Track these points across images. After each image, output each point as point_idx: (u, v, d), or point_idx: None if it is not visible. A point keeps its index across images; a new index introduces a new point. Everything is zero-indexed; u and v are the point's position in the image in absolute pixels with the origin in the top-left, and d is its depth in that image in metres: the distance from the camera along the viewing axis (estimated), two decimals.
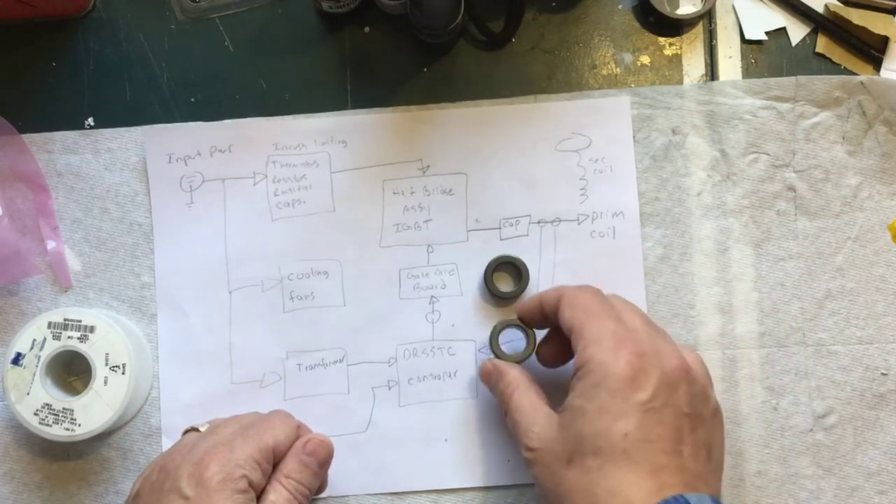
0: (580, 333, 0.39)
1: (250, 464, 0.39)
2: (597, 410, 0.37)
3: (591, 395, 0.37)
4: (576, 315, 0.40)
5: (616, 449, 0.36)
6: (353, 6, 0.48)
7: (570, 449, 0.37)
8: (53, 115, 0.49)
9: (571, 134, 0.48)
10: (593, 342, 0.38)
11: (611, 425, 0.36)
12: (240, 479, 0.38)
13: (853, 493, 0.46)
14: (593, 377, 0.38)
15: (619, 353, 0.37)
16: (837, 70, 0.49)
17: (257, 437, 0.40)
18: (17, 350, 0.44)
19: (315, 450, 0.41)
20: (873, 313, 0.47)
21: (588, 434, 0.37)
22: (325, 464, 0.42)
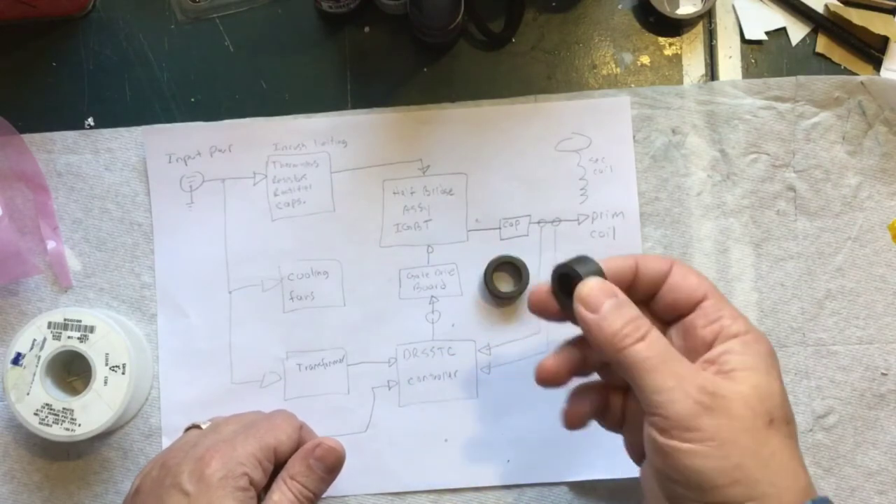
0: (723, 303, 0.37)
1: (252, 462, 0.39)
2: (779, 379, 0.35)
3: (769, 363, 0.35)
4: (706, 284, 0.37)
5: (793, 420, 0.35)
6: (353, 6, 0.48)
7: (768, 409, 0.34)
8: (53, 115, 0.49)
9: (571, 134, 0.48)
10: (740, 315, 0.37)
11: (787, 395, 0.35)
12: (241, 476, 0.38)
13: (853, 493, 0.46)
14: (761, 346, 0.35)
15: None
16: (837, 70, 0.49)
17: (259, 436, 0.40)
18: (17, 350, 0.44)
19: (324, 455, 0.41)
20: (873, 313, 0.47)
21: (781, 401, 0.35)
22: (333, 470, 0.42)
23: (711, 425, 0.33)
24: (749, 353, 0.35)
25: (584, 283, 0.36)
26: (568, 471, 0.47)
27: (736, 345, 0.35)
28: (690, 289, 0.37)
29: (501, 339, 0.47)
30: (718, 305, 0.36)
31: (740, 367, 0.35)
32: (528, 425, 0.47)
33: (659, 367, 0.34)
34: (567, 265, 0.37)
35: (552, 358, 0.39)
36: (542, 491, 0.47)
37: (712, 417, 0.33)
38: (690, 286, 0.37)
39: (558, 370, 0.39)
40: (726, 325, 0.36)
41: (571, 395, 0.40)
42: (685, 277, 0.37)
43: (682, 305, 0.37)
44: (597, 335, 0.35)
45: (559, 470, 0.47)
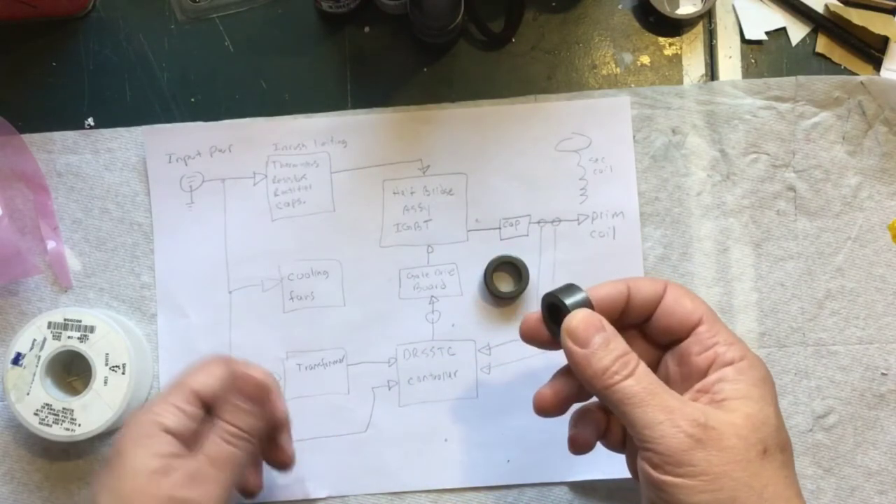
0: (718, 327, 0.36)
1: (166, 410, 0.37)
2: (774, 405, 0.35)
3: (764, 388, 0.35)
4: (702, 308, 0.37)
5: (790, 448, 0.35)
6: (353, 6, 0.48)
7: (762, 438, 0.34)
8: (53, 115, 0.49)
9: (571, 134, 0.48)
10: (737, 340, 0.36)
11: (782, 421, 0.35)
12: (150, 425, 0.36)
13: (853, 493, 0.46)
14: (757, 371, 0.35)
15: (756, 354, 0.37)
16: (837, 70, 0.49)
17: (174, 384, 0.39)
18: (17, 350, 0.44)
19: (243, 387, 0.38)
20: (873, 313, 0.47)
21: (775, 426, 0.34)
22: (258, 401, 0.38)
23: (703, 459, 0.33)
24: (743, 380, 0.35)
25: (573, 315, 0.36)
26: (568, 471, 0.47)
27: (730, 372, 0.35)
28: (684, 314, 0.37)
29: (501, 339, 0.47)
30: (713, 331, 0.36)
31: (733, 395, 0.35)
32: (528, 425, 0.47)
33: (648, 402, 0.34)
34: (554, 294, 0.36)
35: (549, 388, 0.39)
36: (542, 491, 0.47)
37: (704, 451, 0.33)
38: (685, 311, 0.37)
39: (556, 399, 0.39)
40: (720, 351, 0.36)
41: (574, 421, 0.40)
42: (678, 301, 0.37)
43: (676, 330, 0.37)
44: (585, 371, 0.35)
45: (559, 470, 0.47)
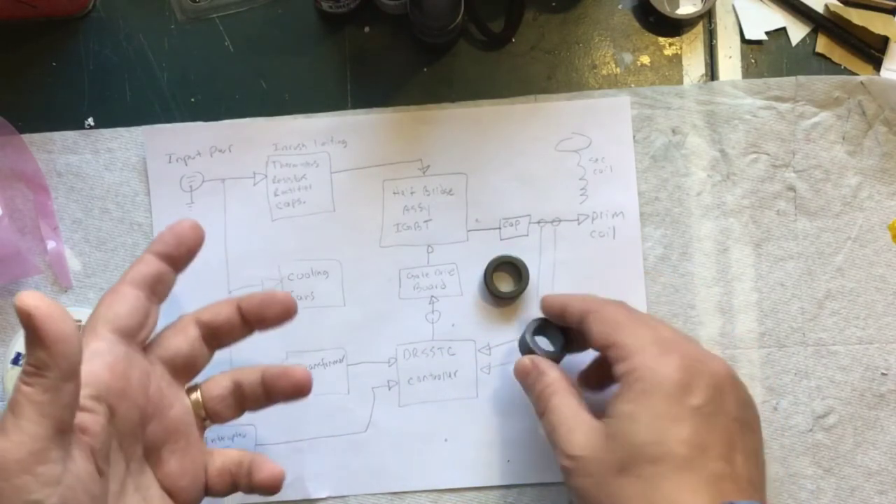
0: (619, 345, 0.38)
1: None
2: (651, 416, 0.35)
3: (642, 401, 0.36)
4: (607, 329, 0.39)
5: (674, 456, 0.35)
6: (353, 6, 0.48)
7: (621, 457, 0.36)
8: (53, 115, 0.49)
9: (571, 134, 0.48)
10: (638, 350, 0.37)
11: (666, 431, 0.35)
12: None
13: (853, 493, 0.46)
14: (643, 383, 0.36)
15: (667, 358, 0.37)
16: (837, 70, 0.49)
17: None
18: (17, 350, 0.45)
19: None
20: (873, 313, 0.47)
21: (642, 441, 0.35)
22: (30, 329, 0.31)
23: (576, 486, 0.37)
24: (620, 396, 0.37)
25: (517, 362, 0.43)
26: None
27: (616, 389, 0.38)
28: (597, 341, 0.40)
29: (501, 339, 0.47)
30: (616, 350, 0.38)
31: (610, 414, 0.37)
32: (528, 425, 0.47)
33: (553, 432, 0.39)
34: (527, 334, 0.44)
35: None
36: (542, 491, 0.47)
37: (575, 478, 0.37)
38: (596, 339, 0.40)
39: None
40: (616, 370, 0.38)
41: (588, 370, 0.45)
42: (591, 328, 0.40)
43: (601, 351, 0.40)
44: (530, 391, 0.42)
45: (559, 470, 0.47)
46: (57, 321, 0.29)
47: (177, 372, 0.40)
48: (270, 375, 0.40)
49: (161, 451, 0.38)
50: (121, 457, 0.35)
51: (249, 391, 0.41)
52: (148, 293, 0.38)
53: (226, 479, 0.40)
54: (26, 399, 0.30)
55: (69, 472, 0.30)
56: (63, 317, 0.30)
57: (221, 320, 0.40)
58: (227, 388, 0.41)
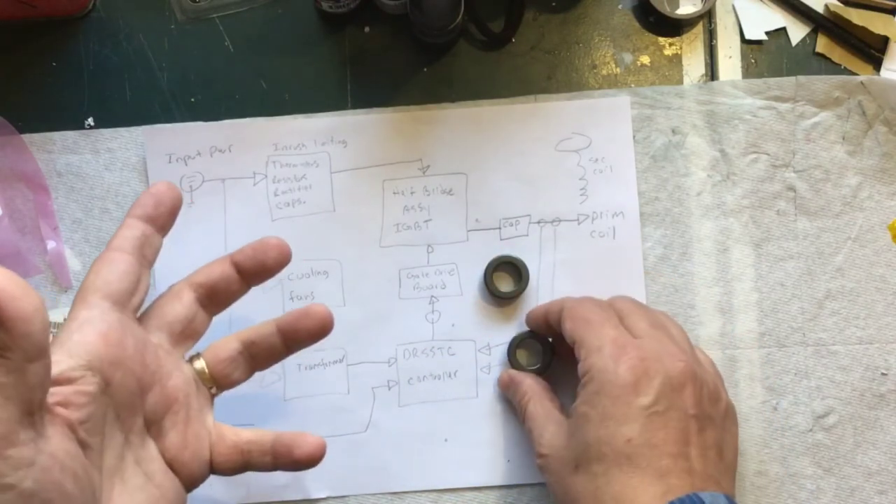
0: (581, 343, 0.40)
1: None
2: (600, 417, 0.37)
3: (594, 402, 0.38)
4: (577, 326, 0.41)
5: (620, 454, 0.36)
6: (353, 6, 0.48)
7: (576, 455, 0.38)
8: (53, 115, 0.49)
9: (571, 134, 0.48)
10: (594, 350, 0.39)
11: (614, 431, 0.37)
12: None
13: (853, 493, 0.46)
14: (595, 384, 0.38)
15: (621, 360, 0.38)
16: (837, 70, 0.49)
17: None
18: None
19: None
20: (873, 313, 0.47)
21: (592, 440, 0.37)
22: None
23: (546, 482, 0.40)
24: (579, 399, 0.39)
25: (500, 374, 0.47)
26: None
27: (578, 389, 0.40)
28: (567, 337, 0.41)
29: (501, 339, 0.47)
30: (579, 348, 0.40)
31: (569, 414, 0.40)
32: None
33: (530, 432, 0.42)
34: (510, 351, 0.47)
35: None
36: (542, 491, 0.47)
37: (545, 474, 0.40)
38: (567, 335, 0.41)
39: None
40: (578, 371, 0.40)
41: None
42: (564, 324, 0.42)
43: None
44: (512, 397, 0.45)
45: None
46: (16, 300, 0.27)
47: (175, 339, 0.38)
48: (289, 321, 0.39)
49: (162, 422, 0.36)
50: (118, 429, 0.34)
51: (264, 345, 0.39)
52: (136, 256, 0.36)
53: (235, 458, 0.38)
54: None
55: (42, 452, 0.29)
56: (23, 294, 0.27)
57: (216, 278, 0.39)
58: (236, 349, 0.39)
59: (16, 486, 0.28)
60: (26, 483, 0.28)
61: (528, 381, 0.44)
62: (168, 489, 0.36)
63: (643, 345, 0.39)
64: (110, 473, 0.33)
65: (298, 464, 0.39)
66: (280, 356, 0.40)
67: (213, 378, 0.39)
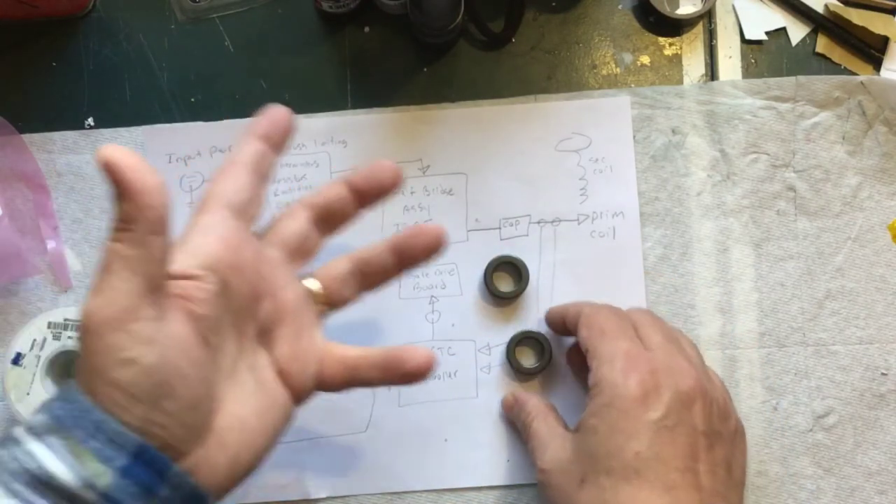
0: (594, 353, 0.40)
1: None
2: (608, 429, 0.37)
3: (602, 415, 0.38)
4: (591, 335, 0.41)
5: (628, 468, 0.36)
6: (353, 6, 0.48)
7: (583, 469, 0.38)
8: (53, 115, 0.49)
9: (571, 134, 0.48)
10: (606, 362, 0.39)
11: (622, 444, 0.36)
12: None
13: (853, 493, 0.46)
14: (604, 397, 0.38)
15: (631, 373, 0.38)
16: (837, 70, 0.49)
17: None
18: (17, 350, 0.45)
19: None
20: (873, 313, 0.47)
21: (600, 453, 0.37)
22: (115, 183, 0.29)
23: (547, 497, 0.40)
24: (587, 410, 0.39)
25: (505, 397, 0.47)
26: None
27: (587, 400, 0.39)
28: (581, 344, 0.41)
29: (501, 339, 0.47)
30: (591, 356, 0.40)
31: (577, 428, 0.39)
32: None
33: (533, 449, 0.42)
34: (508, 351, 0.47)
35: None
36: None
37: (546, 490, 0.40)
38: (581, 342, 0.41)
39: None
40: (588, 381, 0.40)
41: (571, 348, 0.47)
42: (580, 331, 0.42)
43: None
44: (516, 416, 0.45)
45: None
46: (141, 172, 0.29)
47: (289, 255, 0.39)
48: (403, 237, 0.40)
49: (273, 332, 0.37)
50: (233, 333, 0.35)
51: (375, 264, 0.40)
52: (254, 169, 0.37)
53: (343, 374, 0.39)
54: (115, 255, 0.29)
55: (163, 332, 0.30)
56: (147, 169, 0.29)
57: (332, 198, 0.39)
58: (347, 269, 0.40)
59: (137, 360, 0.29)
60: (147, 358, 0.29)
61: (534, 401, 0.44)
62: (278, 398, 0.36)
63: (655, 358, 0.39)
64: (225, 375, 0.34)
65: (408, 376, 0.38)
66: (391, 275, 0.40)
67: (325, 295, 0.40)
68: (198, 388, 0.32)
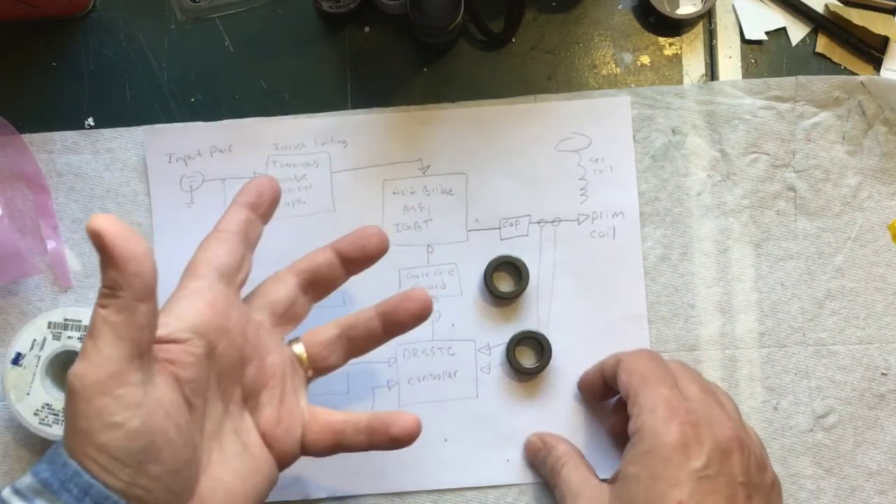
0: (635, 400, 0.40)
1: None
2: (650, 477, 0.37)
3: (644, 463, 0.37)
4: (632, 381, 0.40)
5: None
6: (353, 6, 0.48)
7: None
8: (53, 115, 0.49)
9: (571, 134, 0.48)
10: (647, 410, 0.39)
11: (665, 492, 0.36)
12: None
13: (853, 493, 0.46)
14: (646, 444, 0.38)
15: (672, 422, 0.38)
16: (837, 70, 0.49)
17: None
18: (17, 350, 0.45)
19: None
20: (873, 313, 0.47)
21: (642, 501, 0.37)
22: (101, 249, 0.30)
23: None
24: (627, 457, 0.39)
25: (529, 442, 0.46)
26: None
27: (626, 448, 0.39)
28: (622, 390, 0.41)
29: (501, 339, 0.47)
30: (632, 402, 0.40)
31: (618, 476, 0.39)
32: (528, 425, 0.47)
33: (563, 498, 0.42)
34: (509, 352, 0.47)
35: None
36: (542, 491, 0.47)
37: None
38: (622, 387, 0.41)
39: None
40: (629, 428, 0.40)
41: (612, 413, 0.46)
42: (619, 376, 0.42)
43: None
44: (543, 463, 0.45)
45: None
46: (128, 241, 0.30)
47: (276, 320, 0.40)
48: (390, 304, 0.41)
49: (259, 396, 0.38)
50: (219, 397, 0.36)
51: (363, 330, 0.41)
52: (242, 237, 0.39)
53: (328, 438, 0.39)
54: (102, 321, 0.30)
55: (150, 396, 0.31)
56: (134, 237, 0.30)
57: (319, 263, 0.41)
58: (333, 334, 0.41)
59: (124, 424, 0.30)
60: (133, 422, 0.30)
61: (563, 446, 0.44)
62: (262, 462, 0.37)
63: (694, 408, 0.39)
64: (210, 438, 0.35)
65: (395, 441, 0.39)
66: (378, 341, 0.41)
67: (310, 360, 0.40)
68: (183, 451, 0.32)
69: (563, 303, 0.47)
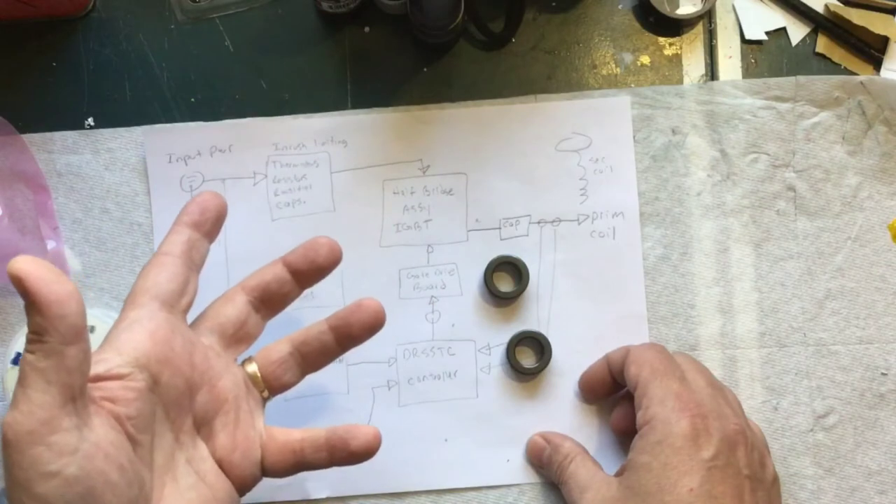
0: (644, 392, 0.40)
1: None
2: (661, 466, 0.38)
3: (655, 452, 0.38)
4: (642, 373, 0.41)
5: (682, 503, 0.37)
6: (353, 6, 0.48)
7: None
8: (53, 115, 0.49)
9: (571, 134, 0.48)
10: (657, 401, 0.39)
11: (676, 481, 0.37)
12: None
13: (853, 493, 0.46)
14: (657, 434, 0.39)
15: (683, 413, 0.38)
16: (837, 70, 0.49)
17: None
18: (17, 350, 0.44)
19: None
20: (873, 313, 0.47)
21: (653, 490, 0.37)
22: (23, 294, 0.29)
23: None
24: (636, 448, 0.40)
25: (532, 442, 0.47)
26: None
27: (634, 439, 0.40)
28: (629, 379, 0.42)
29: (501, 339, 0.47)
30: (641, 393, 0.41)
31: (627, 465, 0.40)
32: (528, 425, 0.47)
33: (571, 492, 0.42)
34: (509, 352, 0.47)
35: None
36: (543, 491, 0.47)
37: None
38: (629, 377, 0.42)
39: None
40: (638, 417, 0.40)
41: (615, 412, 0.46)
42: (627, 368, 0.42)
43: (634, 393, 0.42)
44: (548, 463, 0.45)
45: None
46: (51, 283, 0.28)
47: (226, 342, 0.39)
48: (341, 317, 0.39)
49: (212, 423, 0.37)
50: (168, 428, 0.35)
51: (316, 345, 0.39)
52: (184, 259, 0.37)
53: (288, 458, 0.38)
54: (30, 367, 0.29)
55: (86, 440, 0.29)
56: (57, 279, 0.28)
57: (269, 279, 0.39)
58: (286, 351, 0.40)
59: (59, 472, 0.28)
60: (70, 469, 0.29)
61: (570, 444, 0.44)
62: (219, 490, 0.36)
63: (703, 401, 0.40)
64: (161, 472, 0.34)
65: (355, 456, 0.38)
66: (333, 355, 0.40)
67: (264, 381, 0.39)
68: (127, 492, 0.31)
69: (563, 303, 0.47)
